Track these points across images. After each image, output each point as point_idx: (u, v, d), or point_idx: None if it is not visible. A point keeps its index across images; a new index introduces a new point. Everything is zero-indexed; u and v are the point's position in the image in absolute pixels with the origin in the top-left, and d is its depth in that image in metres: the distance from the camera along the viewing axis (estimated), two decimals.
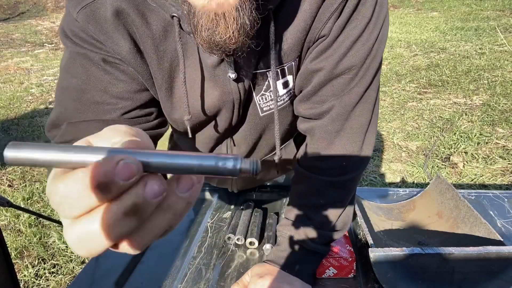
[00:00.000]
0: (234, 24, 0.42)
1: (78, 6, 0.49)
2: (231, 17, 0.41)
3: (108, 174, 0.20)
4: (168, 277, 0.71)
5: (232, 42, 0.44)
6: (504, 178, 2.20)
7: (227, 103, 0.59)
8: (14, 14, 9.09)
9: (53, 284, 1.63)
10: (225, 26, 0.42)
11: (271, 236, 0.79)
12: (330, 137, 0.62)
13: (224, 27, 0.42)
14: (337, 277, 0.69)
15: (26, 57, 6.01)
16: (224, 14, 0.41)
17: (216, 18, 0.41)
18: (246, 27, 0.43)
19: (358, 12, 0.52)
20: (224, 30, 0.42)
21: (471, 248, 0.63)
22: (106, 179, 0.20)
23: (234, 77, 0.55)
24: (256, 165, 0.23)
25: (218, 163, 0.22)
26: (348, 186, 0.65)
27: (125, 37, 0.51)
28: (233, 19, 0.41)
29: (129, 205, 0.21)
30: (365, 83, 0.58)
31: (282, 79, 0.59)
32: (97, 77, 0.54)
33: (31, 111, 3.71)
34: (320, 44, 0.55)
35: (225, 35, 0.43)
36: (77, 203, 0.21)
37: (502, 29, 5.29)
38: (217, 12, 0.40)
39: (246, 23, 0.42)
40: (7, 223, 2.05)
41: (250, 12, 0.42)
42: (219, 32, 0.43)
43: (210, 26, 0.42)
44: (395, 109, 3.26)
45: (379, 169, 2.41)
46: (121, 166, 0.20)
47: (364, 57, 0.55)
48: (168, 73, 0.56)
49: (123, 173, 0.20)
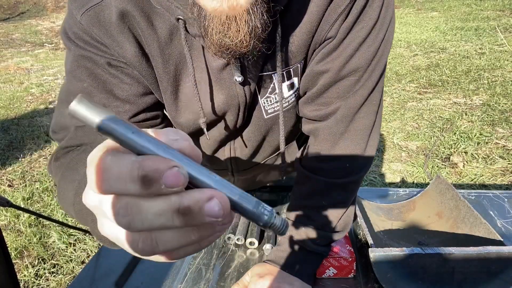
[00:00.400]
0: (245, 28, 0.41)
1: (82, 9, 0.48)
2: (243, 20, 0.41)
3: (157, 172, 0.20)
4: (168, 277, 0.71)
5: (243, 46, 0.43)
6: (504, 178, 2.20)
7: (232, 106, 0.59)
8: (14, 14, 9.09)
9: (53, 284, 1.63)
10: (237, 29, 0.41)
11: (271, 236, 0.79)
12: (334, 139, 0.62)
13: (236, 30, 0.41)
14: (337, 277, 0.69)
15: (26, 57, 6.01)
16: (236, 17, 0.40)
17: (228, 21, 0.41)
18: (257, 31, 0.42)
19: (365, 13, 0.52)
20: (236, 34, 0.42)
21: (471, 248, 0.63)
22: (154, 176, 0.20)
23: (241, 80, 0.54)
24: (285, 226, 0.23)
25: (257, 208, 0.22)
26: (350, 187, 0.65)
27: (130, 40, 0.51)
28: (245, 22, 0.41)
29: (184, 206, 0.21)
30: (370, 85, 0.58)
31: (288, 81, 0.59)
32: (103, 80, 0.53)
33: (31, 111, 3.71)
34: (326, 46, 0.55)
35: (236, 39, 0.42)
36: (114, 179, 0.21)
37: (502, 29, 5.29)
38: (228, 15, 0.40)
39: (257, 26, 0.42)
40: (7, 223, 2.05)
41: (261, 15, 0.41)
42: (230, 35, 0.42)
43: (222, 29, 0.42)
44: (395, 109, 3.26)
45: (379, 169, 2.41)
46: (172, 172, 0.20)
47: (370, 59, 0.55)
48: (173, 76, 0.55)
49: (170, 180, 0.20)
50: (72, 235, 1.92)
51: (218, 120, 0.62)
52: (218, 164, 0.79)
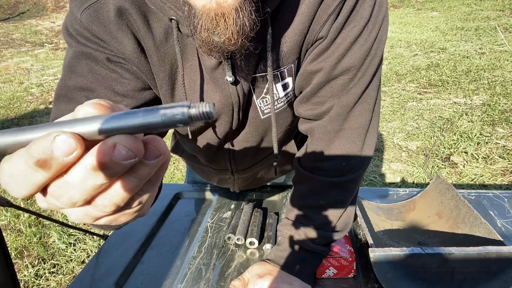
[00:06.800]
0: (233, 25, 0.42)
1: (82, 7, 0.50)
2: (231, 18, 0.41)
3: (45, 150, 0.20)
4: (168, 277, 0.71)
5: (231, 44, 0.44)
6: (504, 178, 2.20)
7: (226, 106, 0.59)
8: (14, 14, 9.09)
9: (53, 284, 1.63)
10: (225, 26, 0.42)
11: (271, 236, 0.79)
12: (330, 138, 0.62)
13: (224, 28, 0.42)
14: (337, 277, 0.69)
15: (26, 57, 6.01)
16: (224, 14, 0.41)
17: (216, 19, 0.42)
18: (245, 29, 0.43)
19: (356, 13, 0.52)
20: (224, 31, 0.42)
21: (471, 248, 0.63)
22: (45, 155, 0.20)
23: (232, 80, 0.55)
24: (206, 107, 0.21)
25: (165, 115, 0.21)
26: (348, 186, 0.65)
27: (129, 36, 0.52)
28: (233, 20, 0.42)
29: (98, 162, 0.21)
30: (364, 83, 0.58)
31: (281, 82, 0.60)
32: (102, 75, 0.54)
33: (31, 111, 3.71)
34: (318, 46, 0.55)
35: (224, 36, 0.43)
36: (23, 181, 0.21)
37: (502, 29, 5.29)
38: (217, 12, 0.41)
39: (245, 25, 0.43)
40: (7, 223, 2.05)
41: (249, 14, 0.42)
42: (219, 32, 0.43)
43: (210, 26, 0.42)
44: (395, 109, 3.26)
45: (379, 169, 2.41)
46: (58, 142, 0.20)
47: (363, 58, 0.55)
48: (169, 74, 0.56)
49: (62, 149, 0.20)
50: (72, 235, 1.92)
51: (214, 120, 0.63)
52: (218, 164, 0.79)
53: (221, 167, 0.80)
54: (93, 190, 0.22)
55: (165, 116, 0.20)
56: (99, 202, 0.23)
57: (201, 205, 0.96)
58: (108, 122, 0.21)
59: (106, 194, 0.23)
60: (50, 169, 0.20)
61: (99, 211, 0.24)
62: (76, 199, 0.22)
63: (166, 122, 0.21)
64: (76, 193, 0.22)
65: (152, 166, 0.23)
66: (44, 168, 0.20)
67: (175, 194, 1.00)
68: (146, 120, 0.21)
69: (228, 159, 0.75)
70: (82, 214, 0.24)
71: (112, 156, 0.20)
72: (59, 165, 0.21)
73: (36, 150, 0.20)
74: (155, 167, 0.23)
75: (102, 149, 0.20)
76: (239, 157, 0.73)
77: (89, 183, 0.21)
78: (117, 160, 0.21)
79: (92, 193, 0.22)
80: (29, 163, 0.20)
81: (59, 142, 0.20)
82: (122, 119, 0.21)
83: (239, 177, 0.84)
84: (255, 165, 0.80)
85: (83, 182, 0.21)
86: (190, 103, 0.21)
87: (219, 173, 0.84)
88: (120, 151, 0.20)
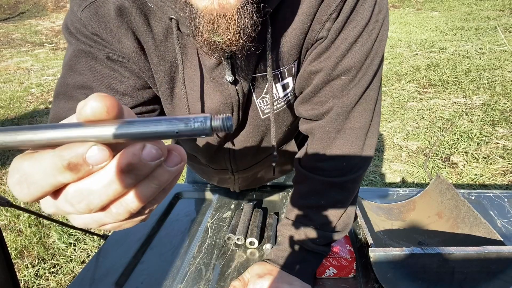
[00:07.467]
0: (235, 26, 0.42)
1: (82, 5, 0.50)
2: (233, 19, 0.41)
3: (79, 156, 0.20)
4: (168, 277, 0.71)
5: (233, 44, 0.44)
6: (504, 178, 2.20)
7: (226, 106, 0.59)
8: (14, 14, 9.09)
9: (53, 284, 1.63)
10: (227, 27, 0.42)
11: (271, 236, 0.79)
12: (330, 138, 0.62)
13: (225, 29, 0.42)
14: (337, 277, 0.69)
15: (26, 57, 6.01)
16: (226, 15, 0.41)
17: (218, 19, 0.42)
18: (247, 29, 0.43)
19: (356, 13, 0.52)
20: (225, 32, 0.42)
21: (471, 248, 0.63)
22: (77, 160, 0.20)
23: (231, 80, 0.55)
24: (227, 121, 0.22)
25: (188, 125, 0.21)
26: (349, 187, 0.65)
27: (129, 35, 0.52)
28: (235, 21, 0.42)
29: (125, 164, 0.21)
30: (364, 83, 0.58)
31: (281, 82, 0.60)
32: (102, 73, 0.54)
33: (31, 111, 3.71)
34: (318, 46, 0.55)
35: (226, 36, 0.43)
36: (41, 180, 0.21)
37: (502, 29, 5.29)
38: (219, 13, 0.41)
39: (247, 25, 0.43)
40: (7, 223, 2.05)
41: (251, 14, 0.42)
42: (220, 33, 0.43)
43: (212, 27, 0.42)
44: (395, 109, 3.26)
45: (379, 169, 2.41)
46: (94, 151, 0.20)
47: (363, 58, 0.55)
48: (168, 74, 0.57)
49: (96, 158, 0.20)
50: (72, 235, 1.92)
51: None
52: (218, 164, 0.79)
53: (221, 167, 0.80)
54: (114, 196, 0.22)
55: (188, 126, 0.21)
56: (114, 210, 0.23)
57: (201, 205, 0.96)
58: (132, 128, 0.21)
59: (122, 201, 0.23)
60: (78, 173, 0.21)
61: (111, 218, 0.23)
62: (94, 205, 0.22)
63: (188, 132, 0.21)
64: (96, 199, 0.22)
65: (172, 172, 0.23)
66: (72, 171, 0.20)
67: (175, 194, 1.00)
68: (169, 128, 0.21)
69: (228, 159, 0.75)
70: (91, 219, 0.24)
71: (140, 157, 0.21)
72: (87, 172, 0.21)
73: (69, 154, 0.20)
74: (175, 174, 0.23)
75: (131, 150, 0.21)
76: (239, 157, 0.73)
77: (112, 189, 0.21)
78: (145, 160, 0.21)
79: (112, 199, 0.22)
80: (57, 164, 0.20)
81: (95, 151, 0.20)
82: (146, 126, 0.21)
83: (239, 177, 0.84)
84: (255, 165, 0.80)
85: (106, 188, 0.21)
86: (211, 115, 0.22)
87: (219, 173, 0.84)
88: (150, 151, 0.21)
